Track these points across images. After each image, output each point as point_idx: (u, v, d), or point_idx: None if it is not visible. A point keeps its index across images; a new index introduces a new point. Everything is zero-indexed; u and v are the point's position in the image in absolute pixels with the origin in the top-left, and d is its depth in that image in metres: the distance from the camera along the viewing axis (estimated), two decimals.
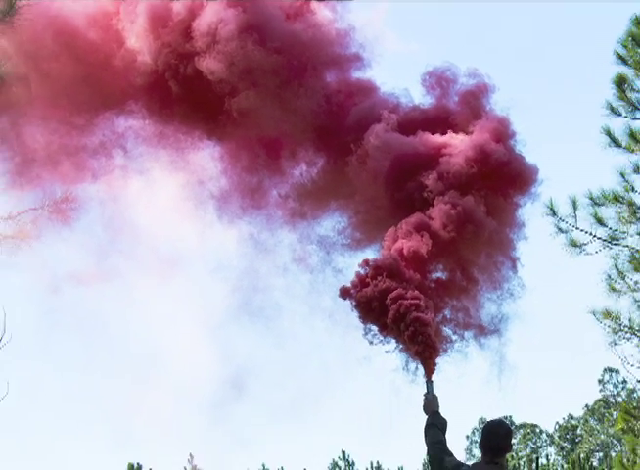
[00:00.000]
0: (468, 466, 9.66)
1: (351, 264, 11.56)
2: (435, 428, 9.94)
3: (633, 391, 68.17)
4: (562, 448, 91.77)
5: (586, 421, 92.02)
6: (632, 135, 25.62)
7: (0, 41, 11.22)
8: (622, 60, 26.02)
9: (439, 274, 11.45)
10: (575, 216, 26.39)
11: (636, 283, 26.28)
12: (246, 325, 12.57)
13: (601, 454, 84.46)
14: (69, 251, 12.76)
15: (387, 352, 10.90)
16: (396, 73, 13.63)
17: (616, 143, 25.77)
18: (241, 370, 12.58)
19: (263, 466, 69.34)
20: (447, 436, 9.90)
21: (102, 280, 12.79)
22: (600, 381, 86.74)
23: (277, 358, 13.67)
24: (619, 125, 25.87)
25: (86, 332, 13.35)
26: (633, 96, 25.88)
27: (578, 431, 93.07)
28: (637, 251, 26.25)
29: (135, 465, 69.58)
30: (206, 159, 12.69)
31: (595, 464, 70.72)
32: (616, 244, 26.26)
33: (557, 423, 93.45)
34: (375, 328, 10.86)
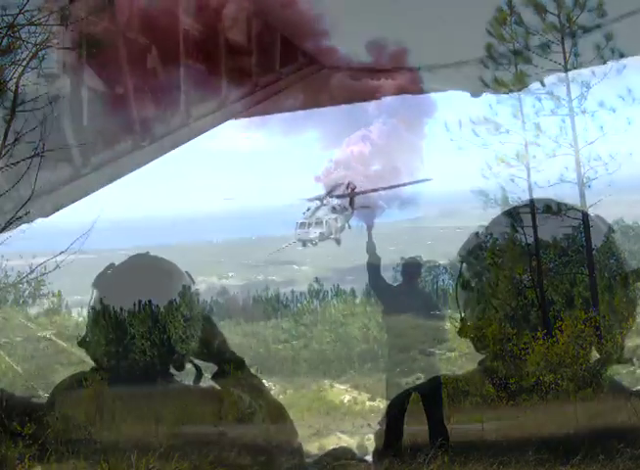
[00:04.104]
0: (395, 286, 10.31)
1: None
2: (373, 264, 10.41)
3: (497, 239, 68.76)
4: (453, 276, 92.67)
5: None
6: (496, 81, 25.84)
7: (103, 22, 11.07)
8: (490, 34, 26.19)
9: (377, 167, 11.62)
10: (461, 131, 26.80)
11: (498, 172, 26.70)
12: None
13: (476, 279, 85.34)
14: None
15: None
16: (349, 42, 13.51)
17: (486, 85, 26.08)
18: None
19: None
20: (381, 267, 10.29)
21: None
22: (477, 233, 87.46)
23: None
24: (488, 75, 26.24)
25: None
26: (496, 56, 26.13)
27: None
28: (500, 153, 26.61)
29: None
30: None
31: (473, 286, 71.58)
32: (486, 148, 26.70)
33: (449, 261, 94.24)
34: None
